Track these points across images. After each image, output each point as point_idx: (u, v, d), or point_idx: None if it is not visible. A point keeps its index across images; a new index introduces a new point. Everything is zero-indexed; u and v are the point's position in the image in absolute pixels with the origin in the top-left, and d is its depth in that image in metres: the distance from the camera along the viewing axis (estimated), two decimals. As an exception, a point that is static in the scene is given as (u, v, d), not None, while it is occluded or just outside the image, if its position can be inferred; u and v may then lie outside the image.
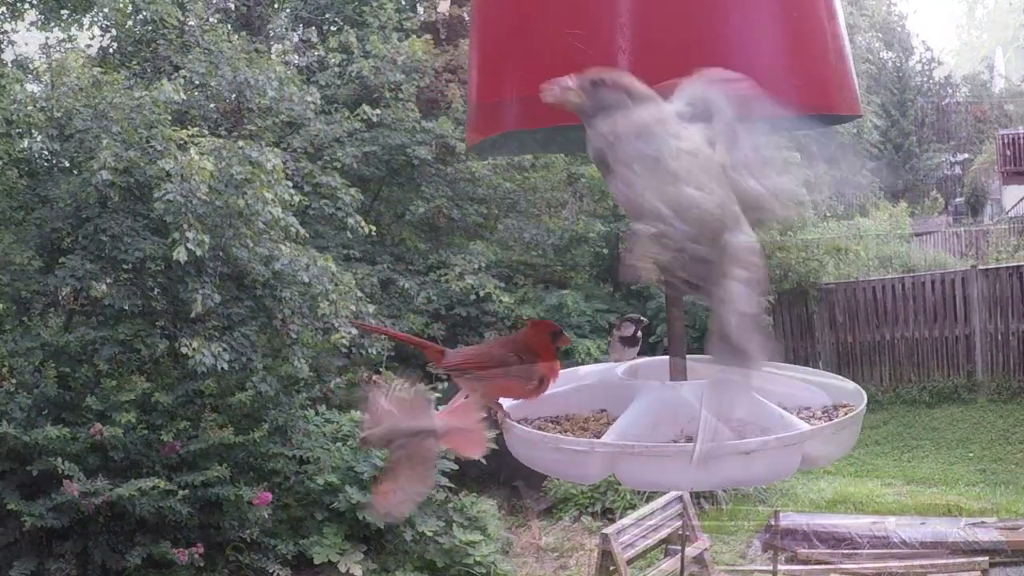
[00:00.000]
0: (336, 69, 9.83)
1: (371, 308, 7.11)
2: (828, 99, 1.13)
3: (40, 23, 10.07)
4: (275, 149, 6.70)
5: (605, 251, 10.86)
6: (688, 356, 1.32)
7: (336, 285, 6.54)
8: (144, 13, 9.63)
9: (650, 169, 0.89)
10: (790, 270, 11.55)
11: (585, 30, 1.08)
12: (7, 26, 10.04)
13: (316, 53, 9.97)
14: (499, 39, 1.18)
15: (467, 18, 11.62)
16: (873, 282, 12.28)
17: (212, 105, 7.50)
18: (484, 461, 6.85)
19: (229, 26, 11.69)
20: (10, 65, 9.43)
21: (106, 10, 9.95)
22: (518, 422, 1.26)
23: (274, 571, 6.14)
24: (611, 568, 5.60)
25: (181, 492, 5.78)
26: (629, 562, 5.76)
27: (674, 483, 1.15)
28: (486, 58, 1.21)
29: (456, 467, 6.84)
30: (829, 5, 1.15)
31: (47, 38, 9.81)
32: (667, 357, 1.34)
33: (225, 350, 5.97)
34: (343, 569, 6.18)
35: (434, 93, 9.89)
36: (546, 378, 1.26)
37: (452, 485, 6.92)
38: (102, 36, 10.96)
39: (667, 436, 1.17)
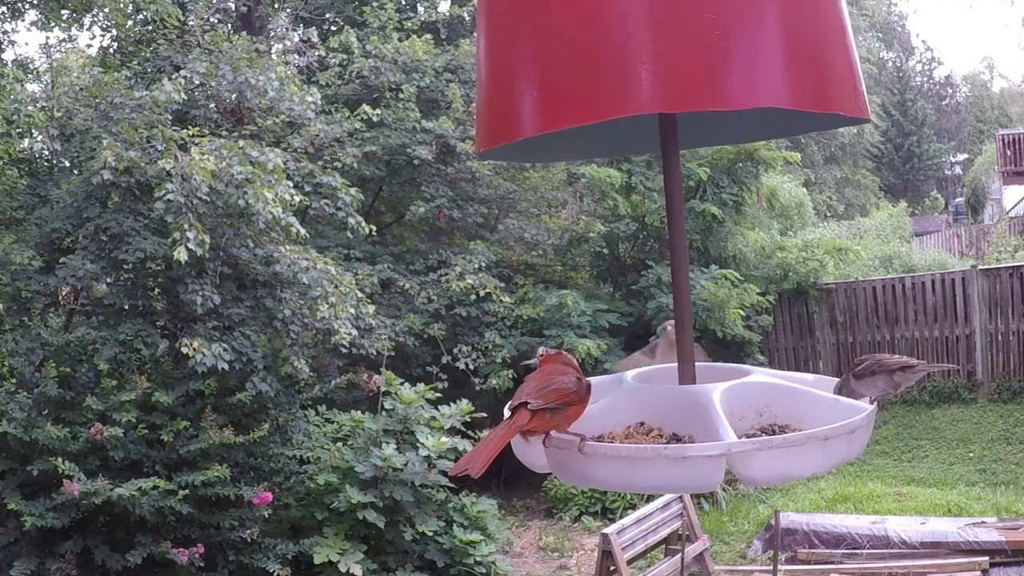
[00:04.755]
0: (336, 69, 9.83)
1: (371, 308, 7.10)
2: (836, 99, 1.13)
3: (40, 23, 10.09)
4: (276, 149, 6.69)
5: (605, 251, 10.85)
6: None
7: (336, 287, 6.53)
8: (144, 13, 9.64)
9: None
10: (790, 270, 11.55)
11: (600, 27, 1.07)
12: (7, 26, 10.06)
13: (316, 53, 9.97)
14: (510, 42, 1.16)
15: (467, 18, 11.61)
16: (873, 282, 12.28)
17: (212, 105, 7.50)
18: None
19: (229, 26, 11.71)
20: (10, 65, 9.45)
21: (106, 10, 9.96)
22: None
23: (274, 571, 6.13)
24: (611, 568, 5.59)
25: (181, 492, 5.78)
26: (629, 562, 5.76)
27: (802, 471, 1.15)
28: (495, 61, 1.19)
29: (456, 467, 6.82)
30: (836, 4, 1.15)
31: (47, 38, 9.86)
32: (672, 364, 1.34)
33: (225, 350, 5.97)
34: (343, 569, 6.17)
35: (434, 93, 9.89)
36: (588, 390, 1.22)
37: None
38: (102, 36, 10.98)
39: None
